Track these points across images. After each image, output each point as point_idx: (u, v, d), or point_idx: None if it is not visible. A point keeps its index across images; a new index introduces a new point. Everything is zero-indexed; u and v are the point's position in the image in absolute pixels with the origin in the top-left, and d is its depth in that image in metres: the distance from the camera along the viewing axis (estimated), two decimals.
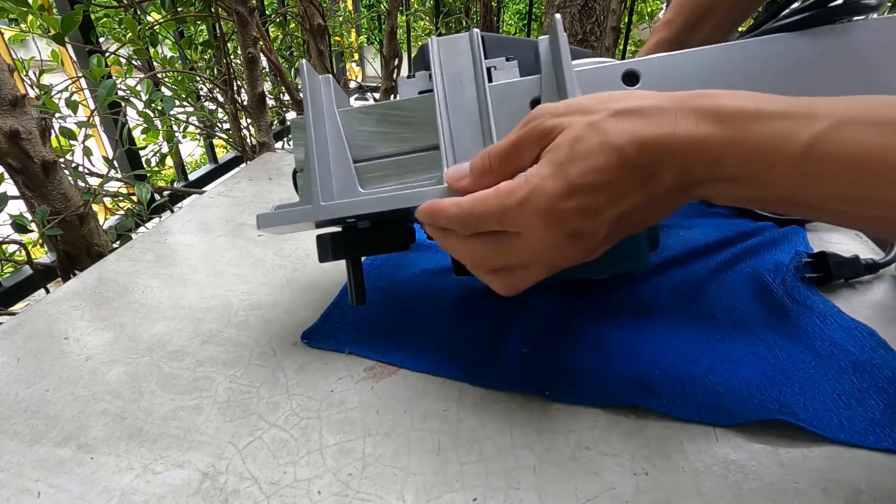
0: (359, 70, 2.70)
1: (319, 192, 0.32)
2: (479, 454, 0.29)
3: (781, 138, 0.22)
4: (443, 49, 0.34)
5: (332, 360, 0.37)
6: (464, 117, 0.32)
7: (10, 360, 0.38)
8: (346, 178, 0.33)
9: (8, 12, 0.90)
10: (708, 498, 0.27)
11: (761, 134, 0.23)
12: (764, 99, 0.24)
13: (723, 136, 0.24)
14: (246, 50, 1.04)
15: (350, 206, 0.32)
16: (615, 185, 0.25)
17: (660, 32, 0.52)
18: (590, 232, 0.26)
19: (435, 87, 0.33)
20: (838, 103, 0.23)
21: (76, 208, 0.75)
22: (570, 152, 0.25)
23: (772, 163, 0.23)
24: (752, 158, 0.23)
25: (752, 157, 0.23)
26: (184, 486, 0.28)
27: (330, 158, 0.33)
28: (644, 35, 2.26)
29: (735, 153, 0.23)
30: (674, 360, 0.35)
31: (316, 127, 0.33)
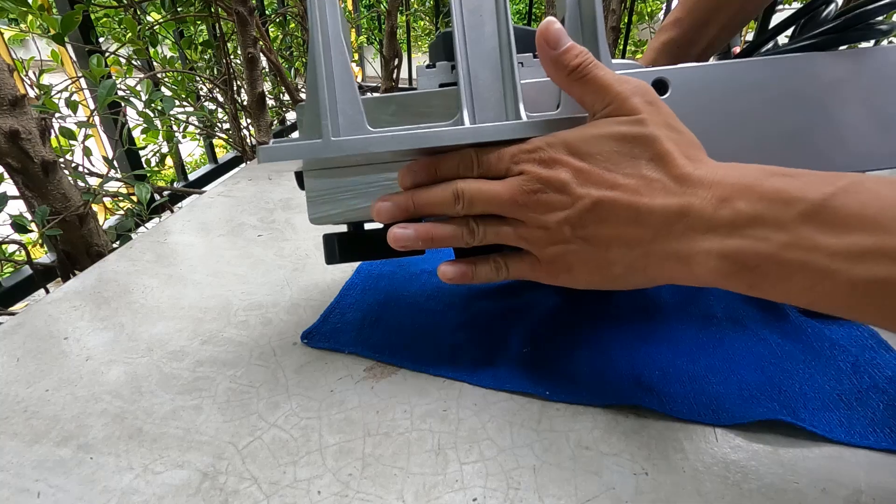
0: (359, 70, 2.70)
1: (329, 125, 0.29)
2: (479, 454, 0.29)
3: (798, 188, 0.23)
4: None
5: (332, 360, 0.37)
6: (483, 55, 0.30)
7: (10, 360, 0.38)
8: (353, 113, 0.30)
9: (8, 12, 0.90)
10: (708, 498, 0.27)
11: (777, 182, 0.23)
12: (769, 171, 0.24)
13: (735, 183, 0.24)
14: (246, 50, 1.04)
15: (361, 142, 0.29)
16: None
17: (667, 32, 0.52)
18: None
19: (454, 20, 0.31)
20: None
21: (76, 208, 0.75)
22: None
23: (789, 203, 0.22)
24: (766, 198, 0.23)
25: (767, 197, 0.23)
26: (184, 486, 0.28)
27: (336, 89, 0.30)
28: (644, 35, 2.26)
29: (747, 195, 0.23)
30: (674, 359, 0.35)
31: (325, 50, 0.30)
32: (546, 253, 0.29)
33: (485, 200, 0.29)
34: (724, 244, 0.23)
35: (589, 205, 0.26)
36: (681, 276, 0.26)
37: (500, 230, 0.30)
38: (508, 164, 0.28)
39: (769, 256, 0.22)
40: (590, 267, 0.28)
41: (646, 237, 0.26)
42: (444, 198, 0.29)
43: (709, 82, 0.33)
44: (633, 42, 2.09)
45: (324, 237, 0.34)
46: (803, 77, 0.33)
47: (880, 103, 0.33)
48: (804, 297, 0.23)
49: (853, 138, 0.34)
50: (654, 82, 0.33)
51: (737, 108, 0.33)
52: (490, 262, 0.31)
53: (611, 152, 0.26)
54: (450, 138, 0.29)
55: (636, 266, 0.27)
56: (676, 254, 0.25)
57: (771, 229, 0.22)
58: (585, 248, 0.27)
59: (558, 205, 0.27)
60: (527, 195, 0.27)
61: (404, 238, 0.30)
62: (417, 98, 0.32)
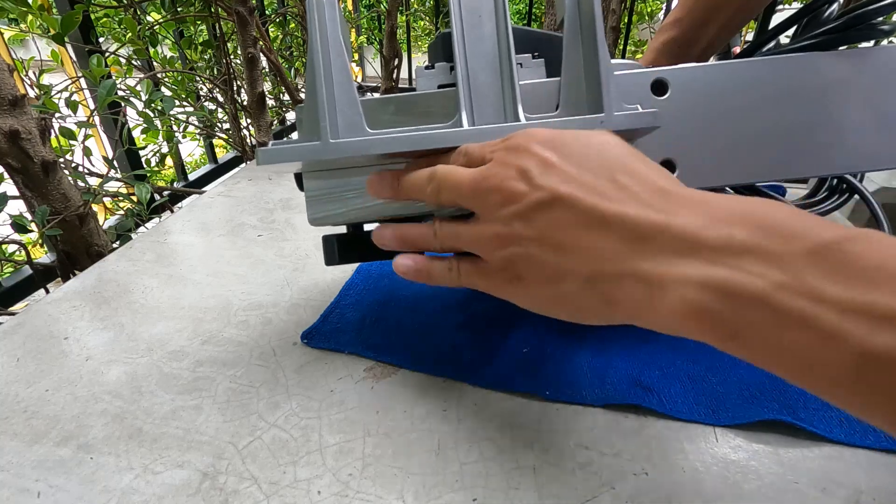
0: (358, 70, 2.70)
1: (328, 127, 0.29)
2: (479, 454, 0.29)
3: (804, 225, 0.18)
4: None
5: (332, 360, 0.37)
6: (482, 56, 0.30)
7: (10, 360, 0.38)
8: (352, 114, 0.30)
9: (8, 12, 0.90)
10: (708, 498, 0.27)
11: (779, 213, 0.19)
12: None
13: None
14: (246, 50, 1.04)
15: (360, 144, 0.29)
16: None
17: (667, 31, 0.52)
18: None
19: (453, 20, 0.30)
20: None
21: (76, 208, 0.75)
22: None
23: (793, 237, 0.18)
24: (765, 227, 0.19)
25: (766, 226, 0.19)
26: (184, 486, 0.28)
27: (335, 91, 0.29)
28: (644, 35, 2.26)
29: (741, 221, 0.19)
30: (674, 359, 0.35)
31: (324, 52, 0.29)
32: (495, 256, 0.25)
33: (451, 184, 0.27)
34: (709, 273, 0.19)
35: (546, 198, 0.23)
36: (640, 306, 0.21)
37: (457, 229, 0.28)
38: (484, 154, 0.27)
39: (761, 298, 0.17)
40: (540, 278, 0.24)
41: (608, 250, 0.21)
42: (421, 177, 0.29)
43: (709, 83, 0.33)
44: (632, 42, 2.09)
45: (323, 238, 0.34)
46: (804, 77, 0.33)
47: (881, 104, 0.33)
48: (792, 362, 0.18)
49: (854, 139, 0.34)
50: (654, 83, 0.33)
51: (737, 109, 0.33)
52: (445, 262, 0.29)
53: (585, 154, 0.24)
54: (448, 140, 0.29)
55: (593, 285, 0.22)
56: (645, 276, 0.20)
57: (767, 265, 0.18)
58: (537, 252, 0.24)
59: (515, 195, 0.24)
60: (485, 180, 0.25)
61: (380, 235, 0.31)
62: (416, 99, 0.32)
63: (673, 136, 0.33)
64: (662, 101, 0.33)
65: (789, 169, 0.34)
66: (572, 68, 0.30)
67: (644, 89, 0.32)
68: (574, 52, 0.30)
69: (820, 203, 0.52)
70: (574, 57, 0.30)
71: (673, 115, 0.32)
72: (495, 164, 0.25)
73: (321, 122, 0.29)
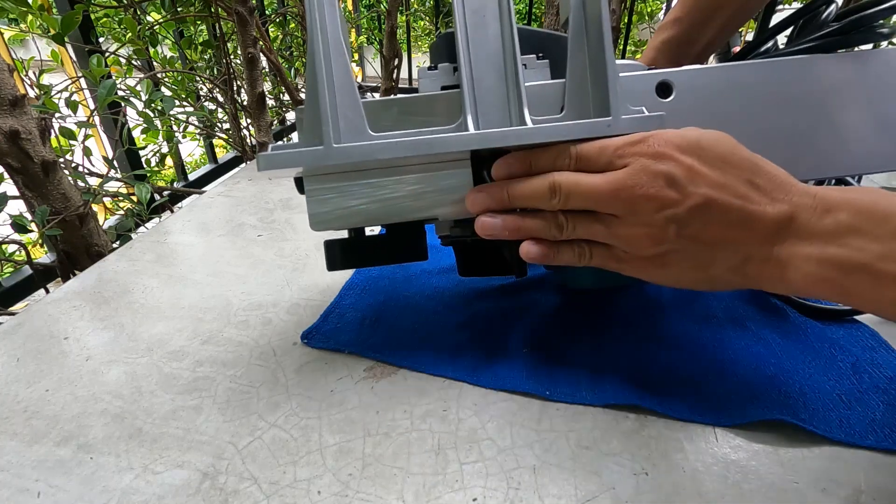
0: (358, 70, 2.70)
1: (331, 131, 0.28)
2: (479, 454, 0.29)
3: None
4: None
5: (332, 360, 0.37)
6: (486, 57, 0.30)
7: (10, 360, 0.38)
8: (354, 117, 0.29)
9: (8, 12, 0.90)
10: (708, 498, 0.27)
11: (876, 198, 0.25)
12: None
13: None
14: (246, 50, 1.04)
15: (365, 149, 0.28)
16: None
17: (667, 30, 0.52)
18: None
19: (456, 21, 0.30)
20: None
21: (76, 208, 0.75)
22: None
23: (886, 218, 0.24)
24: (865, 211, 0.24)
25: (866, 211, 0.24)
26: (184, 486, 0.28)
27: (336, 93, 0.29)
28: (644, 35, 2.26)
29: (847, 208, 0.25)
30: (674, 359, 0.35)
31: (325, 53, 0.29)
32: (646, 251, 0.28)
33: (582, 195, 0.28)
34: (824, 251, 0.24)
35: (701, 203, 0.26)
36: (774, 280, 0.26)
37: (592, 227, 0.29)
38: (611, 158, 0.28)
39: (864, 266, 0.23)
40: (688, 266, 0.28)
41: (750, 240, 0.26)
42: (540, 190, 0.29)
43: (713, 85, 0.32)
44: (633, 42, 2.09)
45: (325, 243, 0.34)
46: (806, 79, 0.33)
47: (882, 106, 0.33)
48: (892, 309, 0.24)
49: (855, 141, 0.34)
50: (659, 85, 0.32)
51: (739, 111, 0.33)
52: (574, 248, 0.30)
53: (721, 157, 0.27)
54: (453, 144, 0.29)
55: (736, 268, 0.27)
56: (777, 257, 0.26)
57: (868, 240, 0.24)
58: (689, 247, 0.27)
59: (667, 201, 0.26)
60: (633, 189, 0.26)
61: (492, 226, 0.30)
62: (419, 101, 0.31)
63: None
64: (667, 104, 0.32)
65: (792, 171, 0.34)
66: (577, 70, 0.30)
67: (649, 91, 0.32)
68: (579, 53, 0.30)
69: None
70: (579, 58, 0.30)
71: (677, 118, 0.32)
72: (638, 172, 0.27)
73: (323, 126, 0.28)
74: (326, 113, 0.29)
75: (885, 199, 0.24)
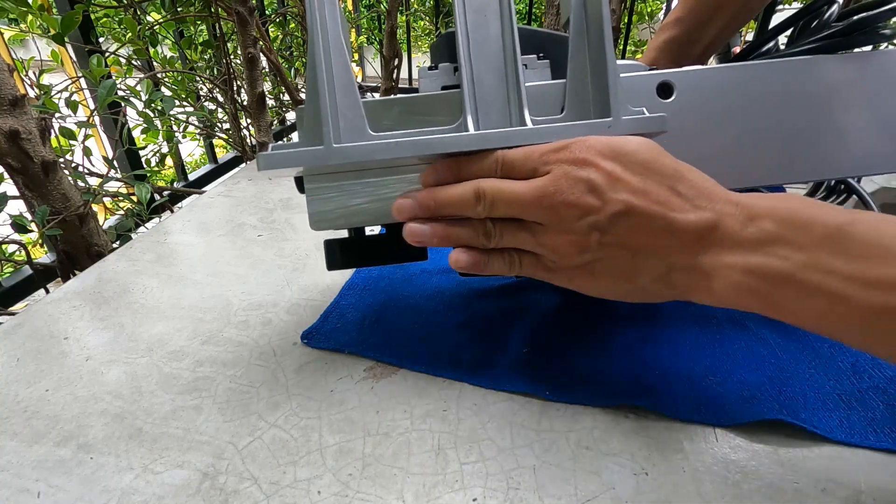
0: (358, 70, 2.70)
1: (331, 131, 0.28)
2: (479, 454, 0.29)
3: (818, 214, 0.23)
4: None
5: (332, 360, 0.37)
6: (487, 57, 0.29)
7: (10, 360, 0.38)
8: (354, 117, 0.29)
9: (8, 12, 0.90)
10: (708, 498, 0.27)
11: (799, 206, 0.24)
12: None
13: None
14: (246, 50, 1.04)
15: (365, 149, 0.28)
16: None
17: (668, 30, 0.52)
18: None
19: (456, 21, 0.30)
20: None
21: (76, 208, 0.75)
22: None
23: (809, 226, 0.23)
24: (788, 220, 0.24)
25: (790, 219, 0.24)
26: (184, 486, 0.28)
27: (336, 93, 0.29)
28: (644, 35, 2.26)
29: (772, 216, 0.24)
30: (674, 360, 0.35)
31: (325, 53, 0.29)
32: (571, 260, 0.28)
33: (507, 201, 0.27)
34: (748, 260, 0.24)
35: (622, 210, 0.25)
36: (700, 290, 0.26)
37: (519, 235, 0.29)
38: (536, 165, 0.27)
39: (789, 276, 0.23)
40: (615, 275, 0.27)
41: (674, 248, 0.26)
42: (466, 197, 0.28)
43: (714, 85, 0.32)
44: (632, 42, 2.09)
45: (325, 243, 0.34)
46: (808, 80, 0.33)
47: (883, 107, 0.33)
48: (816, 321, 0.23)
49: (857, 142, 0.34)
50: (660, 85, 0.32)
51: (741, 112, 0.33)
52: (505, 257, 0.30)
53: (643, 164, 0.26)
54: (453, 145, 0.29)
55: (661, 277, 0.27)
56: (701, 267, 0.25)
57: (792, 249, 0.23)
58: (614, 256, 0.27)
59: (588, 208, 0.26)
60: (553, 196, 0.26)
61: (420, 233, 0.30)
62: (420, 101, 0.31)
63: (677, 139, 0.33)
64: (668, 104, 0.32)
65: (792, 172, 0.34)
66: (578, 70, 0.30)
67: (649, 91, 0.32)
68: (580, 54, 0.30)
69: None
70: (580, 58, 0.30)
71: (678, 118, 0.32)
72: (560, 178, 0.26)
73: (323, 126, 0.28)
74: (326, 113, 0.28)
75: (807, 207, 0.24)
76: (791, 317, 0.24)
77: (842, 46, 0.34)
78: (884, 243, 0.21)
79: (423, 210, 0.30)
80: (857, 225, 0.22)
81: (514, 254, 0.30)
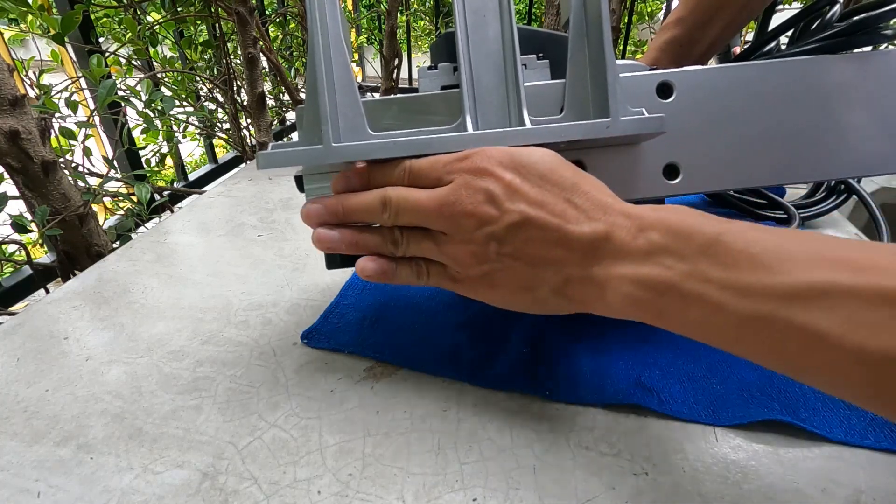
0: (358, 70, 2.70)
1: (330, 130, 0.29)
2: (479, 454, 0.29)
3: (699, 224, 0.24)
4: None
5: (332, 360, 0.37)
6: (486, 58, 0.30)
7: (10, 360, 0.38)
8: (354, 117, 0.29)
9: (8, 12, 0.90)
10: (708, 498, 0.27)
11: (684, 217, 0.24)
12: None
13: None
14: (246, 50, 1.04)
15: (364, 148, 0.29)
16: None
17: (670, 30, 0.52)
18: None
19: (456, 21, 0.30)
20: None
21: (76, 208, 0.75)
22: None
23: (690, 236, 0.23)
24: (673, 230, 0.24)
25: (674, 229, 0.24)
26: (184, 486, 0.28)
27: (336, 93, 0.29)
28: (644, 35, 2.26)
29: (659, 227, 0.24)
30: (674, 360, 0.35)
31: (325, 53, 0.29)
32: (472, 270, 0.28)
33: (411, 209, 0.28)
34: (638, 271, 0.24)
35: (518, 220, 0.26)
36: (595, 302, 0.26)
37: (424, 244, 0.29)
38: (440, 174, 0.28)
39: (672, 285, 0.23)
40: (514, 286, 0.28)
41: (569, 260, 0.26)
42: (373, 204, 0.29)
43: (714, 86, 0.32)
44: (632, 42, 2.09)
45: None
46: (808, 81, 0.33)
47: (885, 108, 0.33)
48: (700, 330, 0.23)
49: (858, 143, 0.34)
50: (659, 85, 0.32)
51: (741, 112, 0.33)
52: (412, 266, 0.31)
53: (541, 175, 0.26)
54: (452, 145, 0.29)
55: (558, 289, 0.27)
56: (595, 278, 0.25)
57: (675, 259, 0.23)
58: (512, 267, 0.27)
59: (485, 218, 0.26)
60: (453, 206, 0.27)
61: (328, 239, 0.30)
62: (419, 101, 0.31)
63: (677, 139, 0.33)
64: (667, 104, 0.32)
65: (793, 173, 0.34)
66: (578, 70, 0.30)
67: (649, 91, 0.32)
68: (580, 54, 0.30)
69: (818, 203, 0.52)
70: (580, 59, 0.30)
71: (678, 119, 0.32)
72: (459, 188, 0.27)
73: (323, 125, 0.29)
74: (326, 112, 0.29)
75: (692, 217, 0.24)
76: (678, 326, 0.24)
77: (843, 47, 0.34)
78: (750, 251, 0.21)
79: (332, 216, 0.30)
80: (728, 235, 0.22)
81: (421, 263, 0.30)
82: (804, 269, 0.20)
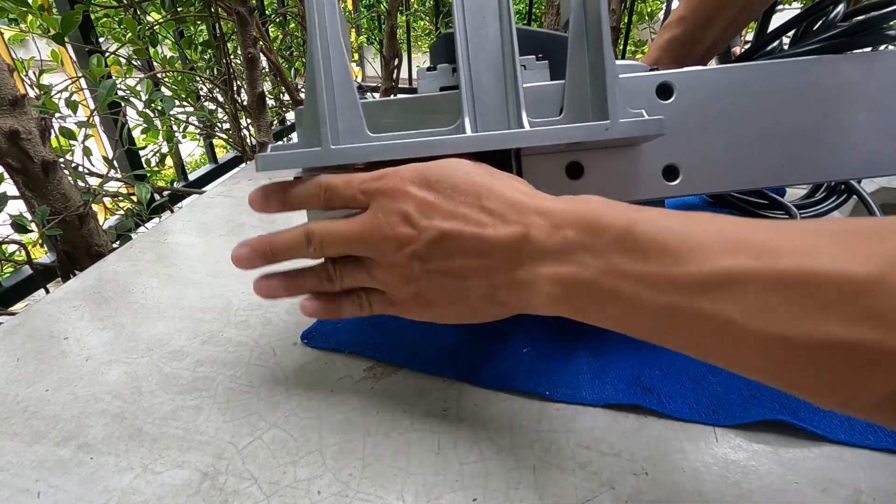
0: (358, 70, 2.70)
1: (329, 132, 0.29)
2: (479, 454, 0.29)
3: (610, 216, 0.23)
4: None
5: (332, 360, 0.37)
6: (486, 58, 0.30)
7: (10, 360, 0.38)
8: (353, 118, 0.29)
9: (8, 12, 0.90)
10: (708, 498, 0.27)
11: (595, 209, 0.24)
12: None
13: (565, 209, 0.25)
14: (246, 50, 1.04)
15: (363, 151, 0.29)
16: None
17: (671, 30, 0.52)
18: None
19: (456, 22, 0.30)
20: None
21: (76, 208, 0.75)
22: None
23: (602, 230, 0.23)
24: (585, 225, 0.24)
25: (586, 224, 0.24)
26: (184, 486, 0.28)
27: (335, 94, 0.29)
28: (644, 35, 2.26)
29: (572, 223, 0.24)
30: (674, 359, 0.35)
31: (324, 54, 0.29)
32: (403, 291, 0.28)
33: (335, 240, 0.28)
34: (557, 270, 0.24)
35: (435, 236, 0.26)
36: (524, 304, 0.26)
37: (356, 274, 0.29)
38: (355, 192, 0.28)
39: (590, 283, 0.23)
40: (446, 301, 0.28)
41: (492, 266, 0.26)
42: (297, 239, 0.29)
43: (714, 86, 0.32)
44: (632, 42, 2.09)
45: None
46: (809, 81, 0.33)
47: (887, 108, 0.33)
48: (620, 324, 0.23)
49: (860, 143, 0.34)
50: (659, 86, 0.32)
51: (742, 113, 0.33)
52: (354, 298, 0.31)
53: (454, 186, 0.26)
54: (450, 147, 0.29)
55: (488, 296, 0.27)
56: (520, 281, 0.25)
57: (591, 256, 0.23)
58: (440, 282, 0.27)
59: (404, 239, 0.26)
60: (374, 231, 0.27)
61: (268, 289, 0.31)
62: (418, 102, 0.31)
63: (677, 140, 0.32)
64: (667, 105, 0.32)
65: (794, 174, 0.34)
66: (577, 71, 0.30)
67: (649, 92, 0.32)
68: (579, 55, 0.30)
69: (819, 203, 0.52)
70: (579, 60, 0.30)
71: (678, 119, 0.32)
72: (377, 213, 0.27)
73: (321, 127, 0.29)
74: (325, 114, 0.29)
75: (601, 209, 0.24)
76: (599, 321, 0.24)
77: (846, 47, 0.34)
78: (658, 240, 0.21)
79: (262, 258, 0.30)
80: (639, 224, 0.22)
81: (362, 294, 0.30)
82: (709, 256, 0.20)
